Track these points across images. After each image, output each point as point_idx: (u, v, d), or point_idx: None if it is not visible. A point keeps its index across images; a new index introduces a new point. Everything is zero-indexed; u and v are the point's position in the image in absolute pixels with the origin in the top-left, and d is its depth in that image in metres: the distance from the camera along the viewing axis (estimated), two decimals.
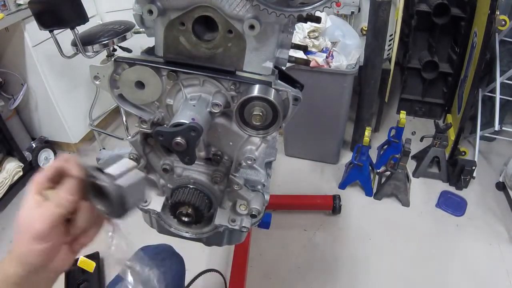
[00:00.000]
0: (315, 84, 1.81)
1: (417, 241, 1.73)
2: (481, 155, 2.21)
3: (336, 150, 2.15)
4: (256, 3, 0.54)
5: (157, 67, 0.63)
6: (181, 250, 1.03)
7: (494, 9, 1.71)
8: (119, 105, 0.69)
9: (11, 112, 2.04)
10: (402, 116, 1.91)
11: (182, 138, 0.55)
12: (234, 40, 0.61)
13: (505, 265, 1.62)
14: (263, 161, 0.88)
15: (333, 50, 1.81)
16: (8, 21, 1.71)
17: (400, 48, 2.51)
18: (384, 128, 2.43)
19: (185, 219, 0.77)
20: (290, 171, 2.16)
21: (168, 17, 0.61)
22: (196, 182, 0.78)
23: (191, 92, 0.66)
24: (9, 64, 1.97)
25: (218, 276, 1.37)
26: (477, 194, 1.98)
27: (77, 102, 2.25)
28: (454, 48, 2.31)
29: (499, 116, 1.94)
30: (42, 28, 1.69)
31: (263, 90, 0.60)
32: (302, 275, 1.58)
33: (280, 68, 0.72)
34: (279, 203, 1.85)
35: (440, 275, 1.58)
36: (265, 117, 0.60)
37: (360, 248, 1.69)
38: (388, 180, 1.89)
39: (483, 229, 1.79)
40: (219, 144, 0.74)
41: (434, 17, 2.16)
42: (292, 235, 1.76)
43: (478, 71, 1.86)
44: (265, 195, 0.83)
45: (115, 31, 1.95)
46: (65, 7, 1.66)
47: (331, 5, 0.53)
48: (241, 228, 0.83)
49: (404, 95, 2.56)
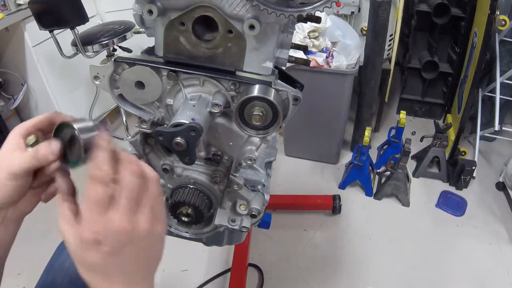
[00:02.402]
0: (315, 84, 1.81)
1: (417, 241, 1.73)
2: (481, 155, 2.21)
3: (336, 150, 2.15)
4: (256, 3, 0.54)
5: (157, 67, 0.63)
6: (181, 250, 1.03)
7: (494, 9, 1.70)
8: (119, 105, 0.69)
9: (11, 112, 2.04)
10: (402, 116, 1.91)
11: (182, 138, 0.55)
12: (234, 40, 0.61)
13: (505, 265, 1.62)
14: (263, 161, 0.88)
15: (333, 50, 1.81)
16: (8, 21, 1.72)
17: (400, 48, 2.51)
18: (384, 128, 2.43)
19: (185, 219, 0.77)
20: (290, 171, 2.16)
21: (168, 17, 0.61)
22: (196, 182, 0.78)
23: (191, 92, 0.66)
24: (9, 64, 1.97)
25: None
26: (477, 194, 1.98)
27: (77, 102, 2.25)
28: (454, 48, 2.31)
29: (499, 116, 1.94)
30: (42, 28, 1.69)
31: (263, 90, 0.60)
32: (302, 275, 1.58)
33: (280, 68, 0.72)
34: (279, 203, 1.85)
35: (440, 275, 1.58)
36: (265, 117, 0.60)
37: (360, 248, 1.69)
38: (388, 180, 1.89)
39: (483, 229, 1.79)
40: (219, 144, 0.74)
41: (434, 17, 2.16)
42: (292, 235, 1.76)
43: (478, 71, 1.86)
44: (265, 195, 0.83)
45: (115, 31, 1.95)
46: (65, 7, 1.66)
47: (331, 5, 0.53)
48: (241, 228, 0.83)
49: (404, 95, 2.56)
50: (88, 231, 0.43)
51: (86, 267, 0.45)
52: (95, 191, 0.43)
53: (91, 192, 0.44)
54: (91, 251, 0.43)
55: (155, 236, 0.47)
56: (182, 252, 1.50)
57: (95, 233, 0.43)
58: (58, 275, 0.81)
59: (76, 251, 0.44)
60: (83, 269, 0.46)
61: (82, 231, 0.43)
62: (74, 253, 0.45)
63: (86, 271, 0.46)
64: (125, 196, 0.44)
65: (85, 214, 0.44)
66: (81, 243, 0.43)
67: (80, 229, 0.44)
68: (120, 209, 0.44)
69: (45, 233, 1.71)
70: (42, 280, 0.82)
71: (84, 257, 0.44)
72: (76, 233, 0.44)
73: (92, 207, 0.43)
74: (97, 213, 0.43)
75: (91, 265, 0.45)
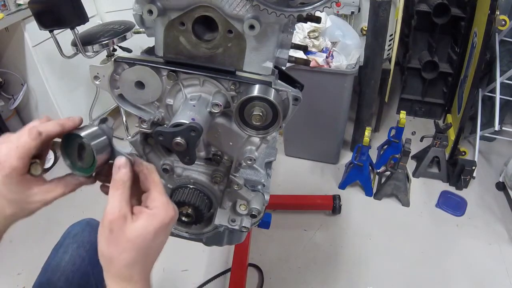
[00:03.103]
0: (315, 84, 1.81)
1: (417, 241, 1.73)
2: (481, 155, 2.21)
3: (336, 150, 2.15)
4: (256, 3, 0.54)
5: (157, 67, 0.63)
6: (181, 250, 1.03)
7: (494, 9, 1.70)
8: (119, 105, 0.69)
9: (11, 112, 2.04)
10: (402, 116, 1.91)
11: (182, 138, 0.55)
12: (234, 40, 0.61)
13: (505, 265, 1.62)
14: (263, 161, 0.88)
15: (333, 50, 1.81)
16: (8, 21, 1.72)
17: (400, 48, 2.51)
18: (384, 128, 2.43)
19: (185, 219, 0.77)
20: (290, 171, 2.16)
21: (168, 17, 0.61)
22: (196, 182, 0.78)
23: (191, 92, 0.66)
24: (9, 64, 1.97)
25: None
26: (477, 194, 1.98)
27: (77, 102, 2.25)
28: (454, 48, 2.31)
29: (499, 116, 1.94)
30: (42, 28, 1.69)
31: (263, 90, 0.60)
32: (302, 275, 1.58)
33: (280, 68, 0.72)
34: (279, 203, 1.85)
35: (440, 275, 1.58)
36: (265, 117, 0.60)
37: (360, 248, 1.69)
38: (388, 180, 1.89)
39: (483, 229, 1.79)
40: (219, 144, 0.74)
41: (434, 17, 2.16)
42: (292, 235, 1.76)
43: (478, 71, 1.86)
44: (265, 195, 0.83)
45: (115, 31, 1.95)
46: (65, 7, 1.66)
47: (331, 5, 0.53)
48: (241, 228, 0.83)
49: (404, 95, 2.56)
50: (168, 213, 0.48)
51: (146, 254, 0.48)
52: (158, 178, 0.50)
53: (156, 178, 0.50)
54: (166, 232, 0.49)
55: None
56: (182, 252, 1.50)
57: (173, 211, 0.49)
58: (55, 274, 0.82)
59: (150, 235, 0.47)
60: (139, 259, 0.47)
61: (163, 213, 0.48)
62: (145, 237, 0.47)
63: (141, 261, 0.48)
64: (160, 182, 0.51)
65: (161, 198, 0.49)
66: (161, 225, 0.47)
67: (159, 211, 0.48)
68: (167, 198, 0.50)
69: (45, 233, 1.71)
70: (38, 280, 0.83)
71: (156, 239, 0.48)
72: (155, 216, 0.47)
73: (163, 191, 0.49)
74: (166, 196, 0.49)
75: (153, 250, 0.48)
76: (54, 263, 0.85)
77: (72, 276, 0.83)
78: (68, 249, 0.87)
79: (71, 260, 0.85)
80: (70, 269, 0.83)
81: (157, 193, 0.49)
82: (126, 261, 0.46)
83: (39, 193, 0.50)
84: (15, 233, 1.72)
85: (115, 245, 0.46)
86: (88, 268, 0.85)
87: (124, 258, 0.46)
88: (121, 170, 0.49)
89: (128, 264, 0.46)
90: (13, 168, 0.47)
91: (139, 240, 0.46)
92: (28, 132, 0.48)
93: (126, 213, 0.47)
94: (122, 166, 0.49)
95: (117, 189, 0.48)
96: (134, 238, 0.46)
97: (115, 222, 0.46)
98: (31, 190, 0.50)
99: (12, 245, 1.65)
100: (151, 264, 0.50)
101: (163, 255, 0.51)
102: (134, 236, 0.46)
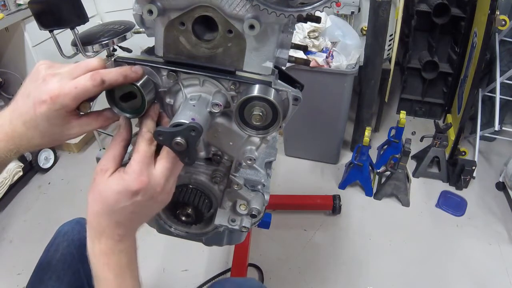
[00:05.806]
0: (315, 84, 1.81)
1: (417, 241, 1.73)
2: (481, 155, 2.21)
3: (336, 150, 2.15)
4: (256, 3, 0.54)
5: (157, 67, 0.63)
6: (181, 250, 1.04)
7: (494, 9, 1.71)
8: None
9: None
10: (402, 116, 1.91)
11: (182, 138, 0.55)
12: (234, 40, 0.61)
13: (505, 265, 1.62)
14: (263, 161, 0.88)
15: (333, 50, 1.81)
16: (8, 21, 1.72)
17: (400, 48, 2.51)
18: (384, 128, 2.43)
19: (185, 219, 0.77)
20: (290, 171, 2.16)
21: (168, 17, 0.61)
22: (196, 182, 0.78)
23: (191, 92, 0.66)
24: (9, 64, 1.97)
25: None
26: (477, 194, 1.98)
27: None
28: (454, 48, 2.32)
29: (499, 116, 1.95)
30: (42, 28, 1.69)
31: (263, 90, 0.60)
32: (302, 275, 1.58)
33: (280, 68, 0.72)
34: (279, 203, 1.85)
35: (440, 275, 1.58)
36: (265, 117, 0.60)
37: (360, 248, 1.69)
38: (388, 180, 1.89)
39: (483, 229, 1.79)
40: (219, 144, 0.74)
41: (434, 17, 2.16)
42: (292, 235, 1.76)
43: (478, 71, 1.86)
44: (265, 195, 0.83)
45: (115, 31, 1.95)
46: (65, 7, 1.66)
47: (331, 5, 0.53)
48: (241, 228, 0.83)
49: (404, 95, 2.56)
50: (136, 181, 0.49)
51: (111, 210, 0.50)
52: (143, 148, 0.52)
53: (140, 147, 0.52)
54: (131, 198, 0.50)
55: (167, 200, 0.57)
56: (182, 252, 1.50)
57: (141, 182, 0.49)
58: (46, 273, 0.83)
59: (113, 194, 0.49)
60: (104, 212, 0.50)
61: (130, 179, 0.49)
62: (109, 195, 0.49)
63: (106, 214, 0.50)
64: (165, 157, 0.53)
65: (134, 165, 0.50)
66: (125, 190, 0.49)
67: (127, 177, 0.50)
68: (162, 166, 0.53)
69: (45, 233, 1.71)
70: (31, 280, 0.84)
71: (119, 201, 0.49)
72: (123, 179, 0.50)
73: (141, 160, 0.51)
74: (145, 166, 0.51)
75: (117, 210, 0.50)
76: (45, 262, 0.85)
77: (63, 274, 0.84)
78: (59, 247, 0.88)
79: (62, 259, 0.86)
80: (61, 267, 0.84)
81: (134, 161, 0.51)
82: (95, 210, 0.50)
83: (77, 126, 0.52)
84: (15, 233, 1.73)
85: (92, 192, 0.51)
86: (79, 265, 0.86)
87: (93, 206, 0.51)
88: (119, 131, 0.55)
89: (96, 213, 0.50)
90: (64, 106, 0.48)
91: (104, 195, 0.50)
92: (91, 77, 0.49)
93: (108, 168, 0.51)
94: (122, 127, 0.56)
95: (110, 147, 0.54)
96: (101, 191, 0.50)
97: (97, 173, 0.51)
98: (70, 123, 0.51)
99: (12, 245, 1.65)
100: (118, 227, 0.51)
101: (163, 255, 0.51)
102: (102, 189, 0.50)
